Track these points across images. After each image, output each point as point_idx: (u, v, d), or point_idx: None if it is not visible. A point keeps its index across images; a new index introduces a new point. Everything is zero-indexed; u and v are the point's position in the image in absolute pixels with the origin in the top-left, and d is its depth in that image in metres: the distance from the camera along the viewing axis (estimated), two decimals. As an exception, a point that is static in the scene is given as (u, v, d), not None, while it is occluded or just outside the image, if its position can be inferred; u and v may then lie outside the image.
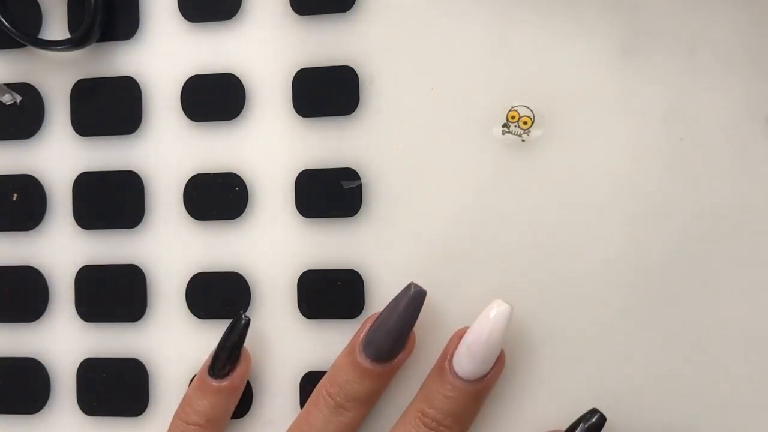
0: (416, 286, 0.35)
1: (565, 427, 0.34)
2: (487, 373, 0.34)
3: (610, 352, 0.35)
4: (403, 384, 0.37)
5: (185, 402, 0.37)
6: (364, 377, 0.35)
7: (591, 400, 0.35)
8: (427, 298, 0.35)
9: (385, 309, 0.35)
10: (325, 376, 0.36)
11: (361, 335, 0.35)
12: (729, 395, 0.35)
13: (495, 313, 0.34)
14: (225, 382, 0.37)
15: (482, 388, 0.34)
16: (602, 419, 0.33)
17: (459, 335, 0.35)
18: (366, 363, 0.35)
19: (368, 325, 0.36)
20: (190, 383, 0.39)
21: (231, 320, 0.37)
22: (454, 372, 0.34)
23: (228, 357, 0.37)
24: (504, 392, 0.36)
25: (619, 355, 0.35)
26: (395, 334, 0.35)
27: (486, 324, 0.34)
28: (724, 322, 0.35)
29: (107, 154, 0.40)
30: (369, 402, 0.36)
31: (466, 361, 0.34)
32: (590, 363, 0.36)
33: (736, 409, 0.35)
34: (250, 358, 0.38)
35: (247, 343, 0.38)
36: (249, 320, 0.37)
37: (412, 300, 0.34)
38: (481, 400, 0.35)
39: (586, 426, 0.34)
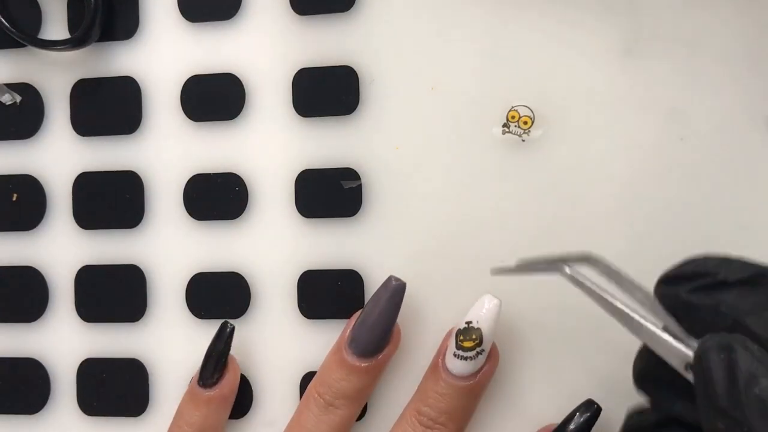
0: (396, 279, 0.35)
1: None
2: (480, 370, 0.34)
3: (606, 349, 0.35)
4: (401, 384, 0.37)
5: (177, 416, 0.37)
6: (351, 374, 0.35)
7: (587, 397, 0.35)
8: (425, 298, 0.34)
9: (367, 305, 0.35)
10: (314, 377, 0.36)
11: (346, 333, 0.36)
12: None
13: (486, 308, 0.34)
14: (214, 392, 0.37)
15: (476, 385, 0.34)
16: (598, 410, 0.33)
17: (453, 333, 0.35)
18: (353, 360, 0.35)
19: (352, 322, 0.36)
20: (189, 383, 0.39)
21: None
22: (447, 369, 0.34)
23: (216, 365, 0.37)
24: (500, 389, 0.36)
25: (615, 352, 0.35)
26: (379, 329, 0.35)
27: (476, 319, 0.34)
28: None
29: (107, 154, 0.40)
30: (359, 399, 0.36)
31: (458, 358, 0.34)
32: (586, 360, 0.36)
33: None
34: (239, 367, 0.38)
35: (247, 343, 0.38)
36: (234, 328, 0.37)
37: (393, 294, 0.35)
38: (475, 397, 0.35)
39: (581, 417, 0.33)
